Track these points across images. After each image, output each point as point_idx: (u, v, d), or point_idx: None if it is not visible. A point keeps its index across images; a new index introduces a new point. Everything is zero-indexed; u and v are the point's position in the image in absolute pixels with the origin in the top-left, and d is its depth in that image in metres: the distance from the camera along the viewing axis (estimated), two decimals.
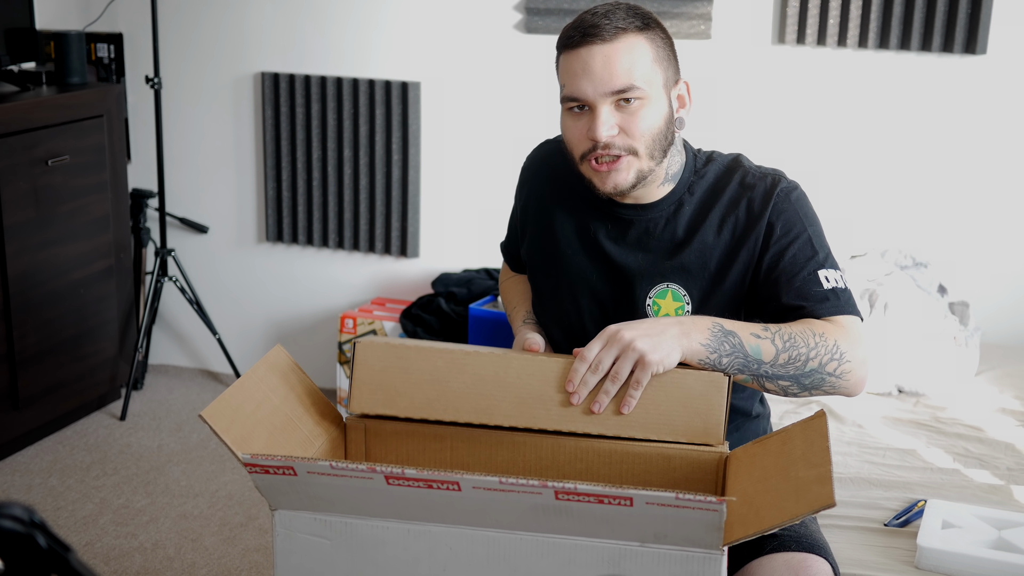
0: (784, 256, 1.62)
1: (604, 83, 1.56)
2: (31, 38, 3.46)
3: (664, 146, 1.63)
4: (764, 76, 3.20)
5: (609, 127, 1.57)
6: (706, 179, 1.70)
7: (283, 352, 1.55)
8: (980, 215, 3.16)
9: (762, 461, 1.34)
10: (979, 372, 2.87)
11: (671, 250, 1.68)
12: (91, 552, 2.79)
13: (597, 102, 1.57)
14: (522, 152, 1.92)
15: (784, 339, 1.52)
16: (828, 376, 1.53)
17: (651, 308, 1.68)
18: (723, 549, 1.21)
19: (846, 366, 1.54)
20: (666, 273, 1.68)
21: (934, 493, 2.19)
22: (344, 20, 3.53)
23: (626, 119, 1.58)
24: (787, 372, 1.52)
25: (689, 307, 1.67)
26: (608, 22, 1.57)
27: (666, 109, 1.62)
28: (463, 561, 1.27)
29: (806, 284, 1.60)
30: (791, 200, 1.64)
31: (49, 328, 3.29)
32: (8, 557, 0.82)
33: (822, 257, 1.63)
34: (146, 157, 3.82)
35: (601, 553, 1.23)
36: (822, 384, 1.54)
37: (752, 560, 1.57)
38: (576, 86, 1.58)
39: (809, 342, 1.52)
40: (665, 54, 1.62)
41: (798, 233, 1.63)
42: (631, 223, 1.70)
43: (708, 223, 1.66)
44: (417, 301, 3.42)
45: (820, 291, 1.59)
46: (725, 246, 1.65)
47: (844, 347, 1.53)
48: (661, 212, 1.69)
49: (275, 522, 1.31)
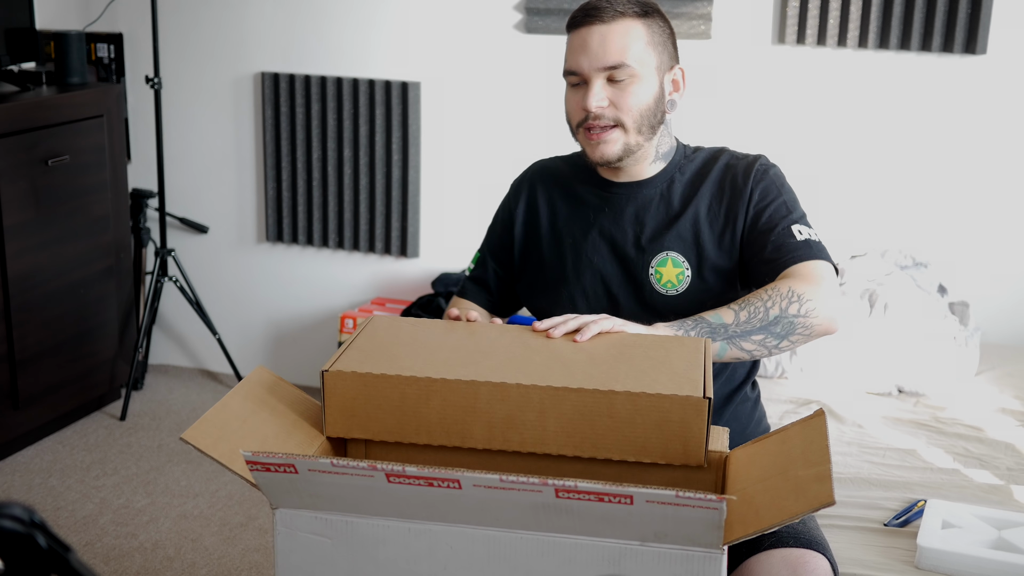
0: (761, 216, 1.75)
1: (598, 59, 1.71)
2: (31, 38, 3.47)
3: (652, 123, 1.76)
4: (764, 76, 3.20)
5: (600, 99, 1.71)
6: (695, 162, 1.84)
7: (266, 371, 1.55)
8: (980, 215, 3.16)
9: (761, 460, 1.34)
10: (979, 372, 2.87)
11: (667, 221, 1.80)
12: (91, 552, 2.79)
13: (591, 76, 1.72)
14: (522, 152, 1.93)
15: (739, 304, 1.62)
16: (795, 318, 1.61)
17: (653, 276, 1.78)
18: (723, 548, 1.21)
19: (807, 305, 1.62)
20: (664, 242, 1.78)
21: (934, 493, 2.19)
22: (344, 20, 3.53)
23: (617, 94, 1.72)
24: (753, 326, 1.60)
25: (689, 272, 1.77)
26: (609, 6, 1.72)
27: (656, 89, 1.75)
28: (463, 560, 1.27)
29: (781, 237, 1.72)
30: (769, 174, 1.79)
31: (49, 328, 3.29)
32: (8, 557, 0.82)
33: (796, 216, 1.75)
34: (146, 157, 3.82)
35: (601, 552, 1.23)
36: (794, 328, 1.61)
37: (750, 556, 1.58)
38: (574, 60, 1.73)
39: (762, 296, 1.62)
40: (661, 39, 1.76)
41: (774, 198, 1.76)
42: (628, 200, 1.82)
43: (699, 196, 1.80)
44: (417, 301, 3.42)
45: (793, 242, 1.71)
46: (715, 217, 1.78)
47: (800, 289, 1.63)
48: (655, 188, 1.82)
49: (276, 520, 1.31)
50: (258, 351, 3.89)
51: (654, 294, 1.77)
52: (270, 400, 1.50)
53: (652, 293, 1.77)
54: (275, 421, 1.48)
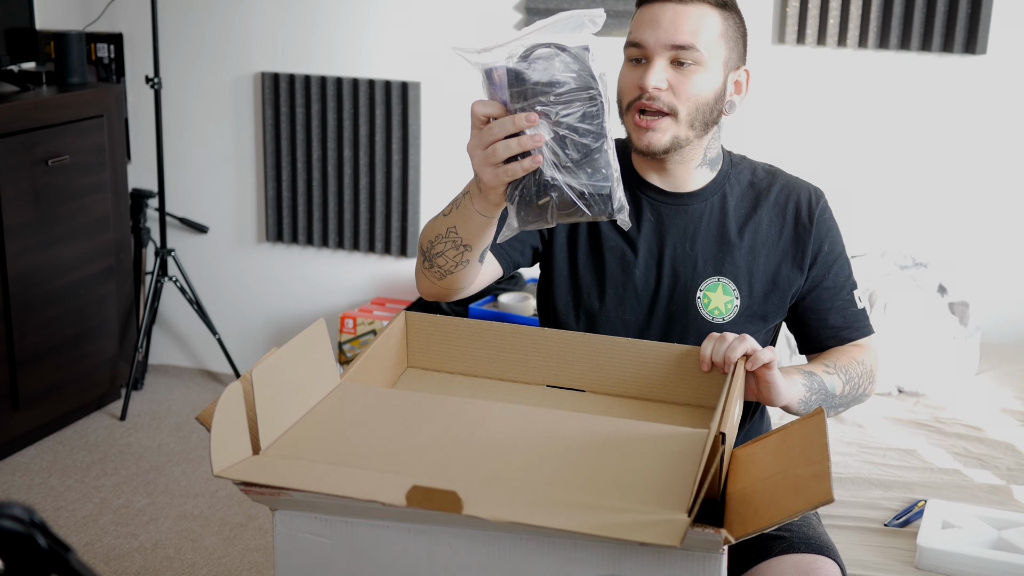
0: (828, 273, 1.74)
1: (667, 35, 1.60)
2: (31, 38, 3.47)
3: (707, 120, 1.65)
4: (764, 76, 3.20)
5: (659, 79, 1.60)
6: (743, 175, 1.75)
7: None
8: (980, 215, 3.16)
9: (761, 459, 1.34)
10: (979, 372, 2.87)
11: (721, 242, 1.71)
12: (91, 552, 2.79)
13: (655, 53, 1.60)
14: None
15: (844, 372, 1.68)
16: (863, 396, 1.73)
17: (701, 300, 1.70)
18: (723, 548, 1.21)
19: (874, 384, 1.75)
20: (717, 266, 1.70)
21: (934, 493, 2.19)
22: (344, 20, 3.53)
23: (678, 78, 1.61)
24: (846, 400, 1.69)
25: (738, 302, 1.70)
26: None
27: (719, 84, 1.64)
28: (463, 560, 1.27)
29: (845, 303, 1.75)
30: (830, 218, 1.76)
31: (49, 328, 3.29)
32: (8, 557, 0.82)
33: (853, 277, 1.78)
34: (146, 157, 3.82)
35: (601, 552, 1.23)
36: (859, 402, 1.74)
37: (761, 562, 1.56)
38: (640, 33, 1.62)
39: (858, 370, 1.70)
40: (734, 35, 1.66)
41: (839, 253, 1.76)
42: (677, 213, 1.71)
43: (757, 220, 1.72)
44: (417, 301, 3.42)
45: (854, 311, 1.76)
46: (772, 248, 1.72)
47: (874, 368, 1.74)
48: (706, 201, 1.72)
49: (275, 522, 1.31)
50: (258, 351, 3.89)
51: (698, 318, 1.69)
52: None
53: (696, 317, 1.69)
54: None
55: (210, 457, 1.22)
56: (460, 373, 1.67)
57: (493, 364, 1.65)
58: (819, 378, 1.64)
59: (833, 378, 1.66)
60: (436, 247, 1.59)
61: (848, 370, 1.69)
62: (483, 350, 1.65)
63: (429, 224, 1.64)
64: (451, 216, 1.56)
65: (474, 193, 1.47)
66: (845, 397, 1.69)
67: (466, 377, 1.66)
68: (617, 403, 1.58)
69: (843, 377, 1.68)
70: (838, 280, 1.74)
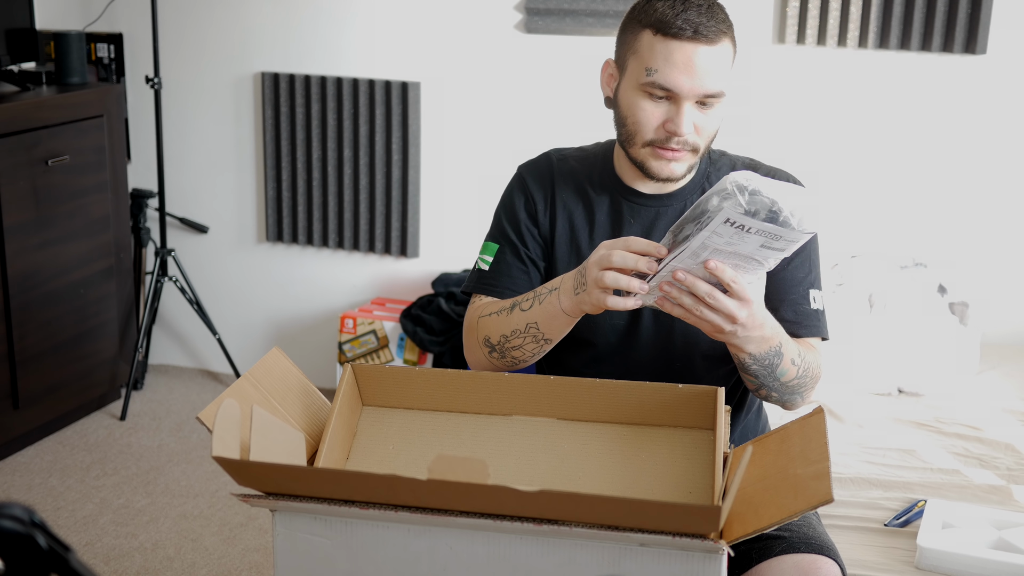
0: (789, 266, 1.70)
1: (702, 84, 1.58)
2: (31, 38, 3.47)
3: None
4: (764, 76, 3.20)
5: (691, 128, 1.61)
6: (722, 171, 1.75)
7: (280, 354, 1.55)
8: (980, 215, 3.16)
9: (761, 459, 1.34)
10: (979, 372, 2.87)
11: None
12: (91, 552, 2.79)
13: (686, 99, 1.59)
14: (522, 152, 1.90)
15: (803, 366, 1.63)
16: (802, 398, 1.68)
17: None
18: (723, 549, 1.21)
19: (816, 387, 1.70)
20: None
21: (934, 493, 2.19)
22: (344, 20, 3.53)
23: (703, 119, 1.62)
24: (787, 390, 1.64)
25: None
26: (712, 23, 1.58)
27: (726, 109, 1.67)
28: (463, 561, 1.27)
29: (798, 300, 1.71)
30: None
31: (49, 328, 3.29)
32: (8, 557, 0.82)
33: (814, 276, 1.74)
34: (146, 157, 3.82)
35: (601, 552, 1.23)
36: (793, 402, 1.68)
37: (762, 562, 1.56)
38: (674, 78, 1.58)
39: (811, 370, 1.66)
40: (734, 58, 1.65)
41: (806, 249, 1.71)
42: (657, 214, 1.73)
43: None
44: (417, 301, 3.42)
45: (807, 309, 1.72)
46: None
47: (818, 372, 1.68)
48: (685, 201, 1.73)
49: (275, 522, 1.31)
50: (258, 351, 3.89)
51: None
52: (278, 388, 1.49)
53: None
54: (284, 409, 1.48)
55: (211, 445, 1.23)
56: (419, 408, 1.55)
57: (454, 402, 1.53)
58: (781, 359, 1.58)
59: (792, 369, 1.62)
60: (512, 341, 1.63)
61: (806, 360, 1.64)
62: (441, 390, 1.53)
63: (499, 318, 1.66)
64: (532, 312, 1.60)
65: (565, 293, 1.53)
66: (786, 386, 1.63)
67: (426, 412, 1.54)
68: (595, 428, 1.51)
69: (802, 367, 1.63)
70: (796, 275, 1.71)
